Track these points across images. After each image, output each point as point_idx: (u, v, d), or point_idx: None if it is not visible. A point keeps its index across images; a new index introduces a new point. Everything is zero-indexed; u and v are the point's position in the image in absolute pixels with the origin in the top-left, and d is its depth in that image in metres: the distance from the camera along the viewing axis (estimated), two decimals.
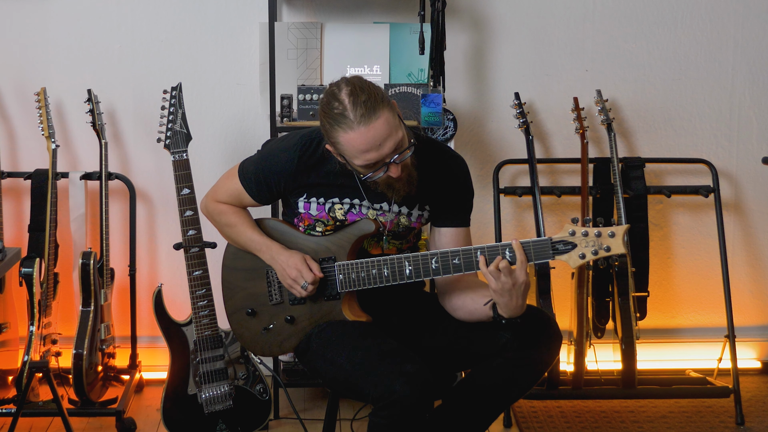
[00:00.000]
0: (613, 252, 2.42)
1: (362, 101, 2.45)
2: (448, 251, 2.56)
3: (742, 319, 4.04)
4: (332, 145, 2.55)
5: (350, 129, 2.46)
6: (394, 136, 2.49)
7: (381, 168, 2.52)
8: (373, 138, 2.46)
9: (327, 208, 2.70)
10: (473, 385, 2.69)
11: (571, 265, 2.46)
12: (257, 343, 2.80)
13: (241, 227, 2.78)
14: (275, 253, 2.70)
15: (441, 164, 2.71)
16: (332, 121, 2.49)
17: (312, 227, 2.74)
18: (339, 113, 2.46)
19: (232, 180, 2.81)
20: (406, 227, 2.74)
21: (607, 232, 2.43)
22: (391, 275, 2.62)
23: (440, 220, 2.74)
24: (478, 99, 3.94)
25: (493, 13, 3.90)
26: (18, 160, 3.85)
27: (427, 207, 2.72)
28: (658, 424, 3.58)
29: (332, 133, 2.50)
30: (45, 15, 3.79)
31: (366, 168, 2.52)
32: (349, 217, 2.70)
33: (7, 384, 3.47)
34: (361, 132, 2.45)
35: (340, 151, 2.53)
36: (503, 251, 2.50)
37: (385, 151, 2.48)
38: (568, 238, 2.45)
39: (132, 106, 3.86)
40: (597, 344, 3.70)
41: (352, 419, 3.52)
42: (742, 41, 3.98)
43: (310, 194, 2.71)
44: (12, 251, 3.00)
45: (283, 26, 3.72)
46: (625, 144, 4.01)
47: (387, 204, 2.69)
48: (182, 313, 3.43)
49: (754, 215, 4.09)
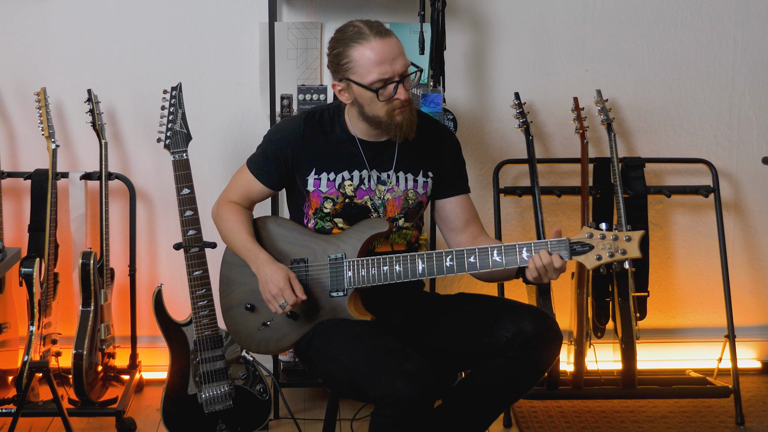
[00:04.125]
0: (629, 255, 2.51)
1: (376, 24, 2.65)
2: (464, 250, 2.60)
3: (742, 319, 4.04)
4: (342, 72, 2.64)
5: (366, 42, 2.60)
6: (404, 58, 2.64)
7: (392, 85, 2.61)
8: (389, 51, 2.60)
9: (337, 184, 2.74)
10: (473, 384, 2.69)
11: (587, 266, 2.54)
12: (253, 340, 2.79)
13: (238, 232, 2.77)
14: (261, 263, 2.70)
15: (435, 134, 2.83)
16: (347, 41, 2.63)
17: (320, 209, 2.75)
18: (354, 32, 2.63)
19: (241, 173, 2.85)
20: (415, 202, 2.78)
21: (624, 236, 2.51)
22: (403, 272, 2.63)
23: (443, 190, 2.82)
24: (478, 99, 3.94)
25: (493, 13, 3.90)
26: (18, 160, 3.85)
27: (430, 173, 2.79)
28: (658, 424, 3.58)
29: (346, 52, 2.62)
30: (45, 15, 3.79)
31: (379, 82, 2.60)
32: (358, 194, 2.74)
33: (7, 384, 3.47)
34: (377, 44, 2.60)
35: (352, 71, 2.62)
36: (520, 250, 2.56)
37: (397, 67, 2.61)
38: (586, 240, 2.54)
39: (132, 106, 3.86)
40: (597, 344, 3.70)
41: (352, 419, 3.52)
42: (742, 41, 3.98)
43: (319, 168, 2.74)
44: (12, 251, 3.01)
45: (283, 26, 3.72)
46: (625, 144, 4.01)
47: (392, 173, 2.75)
48: (182, 313, 3.43)
49: (754, 215, 4.09)
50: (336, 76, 2.69)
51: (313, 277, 2.72)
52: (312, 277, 2.72)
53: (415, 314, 2.79)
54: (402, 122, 2.66)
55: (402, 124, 2.67)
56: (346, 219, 2.76)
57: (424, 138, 2.79)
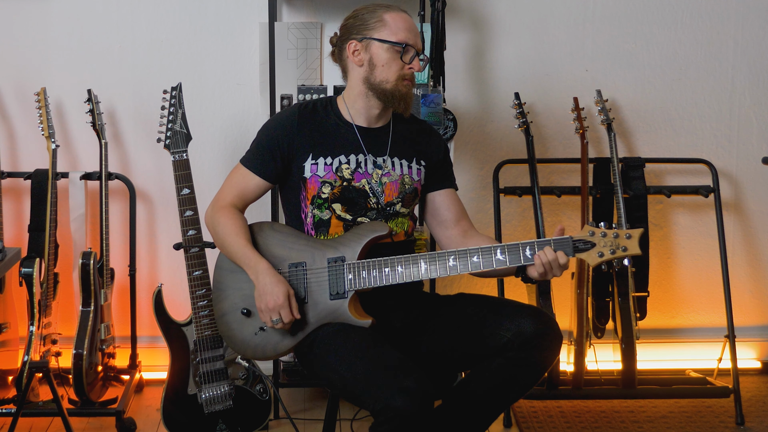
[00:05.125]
0: (630, 252, 2.59)
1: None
2: (467, 250, 2.62)
3: (742, 319, 4.04)
4: (365, 31, 2.77)
5: (396, 11, 2.78)
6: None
7: (413, 53, 2.76)
8: (413, 26, 2.79)
9: (334, 167, 2.76)
10: (473, 385, 2.69)
11: (589, 262, 2.60)
12: (249, 346, 2.76)
13: (236, 237, 2.74)
14: (261, 272, 2.68)
15: (425, 130, 2.94)
16: (376, 8, 2.78)
17: (318, 196, 2.75)
18: (382, 5, 2.79)
19: (234, 173, 2.84)
20: (411, 187, 2.82)
21: (625, 234, 2.59)
22: (405, 273, 2.64)
23: (433, 182, 2.88)
24: (478, 99, 3.94)
25: (493, 13, 3.90)
26: (18, 160, 3.85)
27: (423, 162, 2.86)
28: (658, 424, 3.58)
29: (374, 15, 2.77)
30: (45, 15, 3.79)
31: (402, 44, 2.73)
32: (355, 177, 2.77)
33: (7, 384, 3.47)
34: (406, 17, 2.79)
35: (378, 30, 2.75)
36: (524, 249, 2.59)
37: (418, 42, 2.78)
38: (588, 238, 2.60)
39: (132, 106, 3.86)
40: (597, 344, 3.70)
41: (352, 419, 3.52)
42: (742, 41, 3.98)
43: (316, 153, 2.77)
44: (12, 251, 3.00)
45: (283, 26, 3.72)
46: (625, 144, 4.01)
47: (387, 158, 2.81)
48: (182, 313, 3.43)
49: (754, 215, 4.09)
50: (355, 36, 2.78)
51: (312, 280, 2.71)
52: (311, 281, 2.71)
53: (414, 315, 2.79)
54: (405, 93, 2.78)
55: (405, 95, 2.78)
56: (344, 204, 2.76)
57: (416, 131, 2.90)
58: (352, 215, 2.77)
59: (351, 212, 2.77)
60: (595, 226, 2.61)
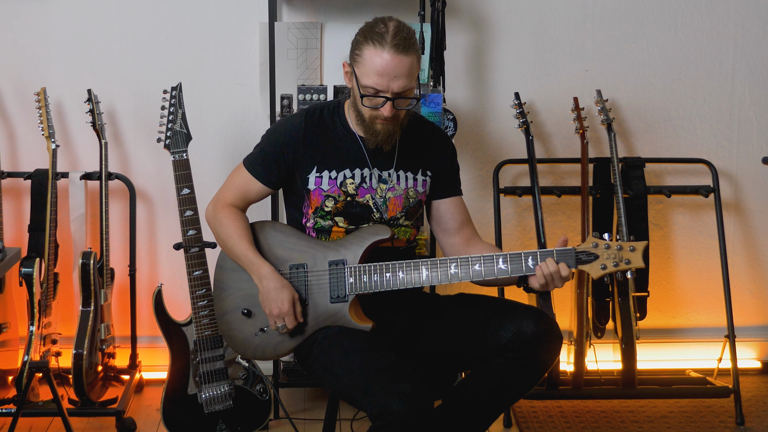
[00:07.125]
0: (633, 265, 2.55)
1: (403, 36, 2.62)
2: (469, 257, 2.62)
3: (742, 319, 4.04)
4: (353, 59, 2.67)
5: (380, 48, 2.59)
6: (407, 81, 2.62)
7: (382, 98, 2.62)
8: (393, 68, 2.59)
9: (339, 182, 2.73)
10: (474, 385, 2.69)
11: (592, 275, 2.57)
12: (249, 346, 2.76)
13: (239, 239, 2.74)
14: (264, 276, 2.68)
15: (433, 136, 2.87)
16: (369, 36, 2.63)
17: (321, 208, 2.74)
18: (379, 33, 2.61)
19: (238, 173, 2.83)
20: (415, 200, 2.79)
21: (628, 246, 2.55)
22: (406, 279, 2.64)
23: (439, 190, 2.84)
24: (478, 99, 3.94)
25: (493, 13, 3.90)
26: (18, 160, 3.85)
27: (429, 172, 2.81)
28: (658, 424, 3.58)
29: (361, 45, 2.64)
30: (45, 15, 3.79)
31: (370, 89, 2.62)
32: (359, 192, 2.74)
33: (7, 384, 3.47)
34: (387, 56, 2.59)
35: (357, 65, 2.64)
36: (526, 259, 2.58)
37: (393, 86, 2.61)
38: (591, 250, 2.58)
39: (132, 106, 3.86)
40: (597, 344, 3.70)
41: (352, 419, 3.52)
42: (742, 41, 3.98)
43: (321, 166, 2.74)
44: (12, 251, 3.00)
45: (283, 26, 3.72)
46: (625, 144, 4.01)
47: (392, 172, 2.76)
48: (182, 313, 3.43)
49: (754, 215, 4.09)
50: (350, 58, 2.72)
51: (313, 282, 2.70)
52: (312, 283, 2.71)
53: (414, 316, 2.79)
54: (380, 132, 2.68)
55: (379, 133, 2.69)
56: (346, 218, 2.76)
57: (423, 138, 2.83)
58: (354, 228, 2.77)
59: (354, 225, 2.77)
60: (599, 237, 2.58)
